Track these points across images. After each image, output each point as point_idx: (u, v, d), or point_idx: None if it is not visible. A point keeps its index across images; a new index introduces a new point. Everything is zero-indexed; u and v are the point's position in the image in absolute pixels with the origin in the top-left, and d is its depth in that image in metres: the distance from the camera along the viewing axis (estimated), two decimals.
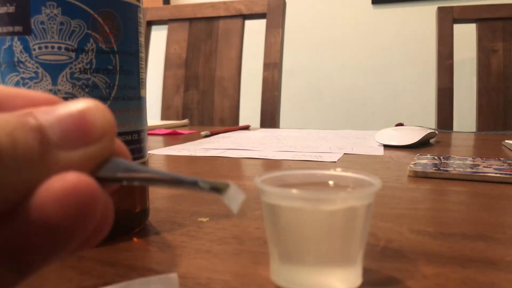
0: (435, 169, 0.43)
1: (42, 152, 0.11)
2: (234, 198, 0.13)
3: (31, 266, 0.11)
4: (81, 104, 0.12)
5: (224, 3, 1.15)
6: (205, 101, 1.16)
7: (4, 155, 0.10)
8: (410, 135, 0.66)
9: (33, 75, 0.22)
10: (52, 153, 0.11)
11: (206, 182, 0.13)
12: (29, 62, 0.22)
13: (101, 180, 0.12)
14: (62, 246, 0.11)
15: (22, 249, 0.11)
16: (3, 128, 0.10)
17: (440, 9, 1.10)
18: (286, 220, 0.18)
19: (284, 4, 1.13)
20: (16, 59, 0.22)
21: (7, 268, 0.11)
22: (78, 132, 0.12)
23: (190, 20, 1.19)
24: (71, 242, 0.11)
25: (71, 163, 0.11)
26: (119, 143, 0.14)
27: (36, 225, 0.11)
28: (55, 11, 0.21)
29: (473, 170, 0.42)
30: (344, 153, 0.59)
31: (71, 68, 0.22)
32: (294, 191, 0.17)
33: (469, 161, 0.48)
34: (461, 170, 0.42)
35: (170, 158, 0.56)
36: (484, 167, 0.44)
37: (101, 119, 0.12)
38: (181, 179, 0.13)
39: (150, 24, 1.23)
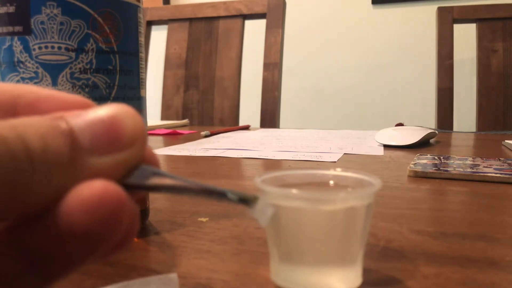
0: (435, 169, 0.43)
1: (72, 157, 0.11)
2: (263, 211, 0.13)
3: (56, 273, 0.11)
4: (113, 109, 0.12)
5: (224, 3, 1.15)
6: (205, 101, 1.16)
7: (35, 159, 0.10)
8: (410, 135, 0.66)
9: (33, 75, 0.22)
10: (82, 159, 0.11)
11: (235, 193, 0.13)
12: (29, 62, 0.22)
13: (130, 188, 0.12)
14: (88, 254, 0.11)
15: (48, 255, 0.11)
16: (35, 131, 0.10)
17: (440, 9, 1.10)
18: (286, 220, 0.18)
19: (284, 4, 1.13)
20: (16, 59, 0.22)
21: (31, 274, 0.11)
22: (108, 138, 0.11)
23: (190, 20, 1.19)
24: (98, 250, 0.11)
25: (101, 169, 0.11)
26: (149, 150, 0.13)
27: (63, 232, 0.10)
28: (55, 11, 0.21)
29: (473, 170, 0.42)
30: (344, 153, 0.59)
31: (71, 68, 0.22)
32: (294, 191, 0.17)
33: (469, 161, 0.48)
34: (461, 170, 0.42)
35: (170, 158, 0.56)
36: (484, 167, 0.44)
37: (132, 125, 0.12)
38: (210, 189, 0.13)
39: (150, 24, 1.23)
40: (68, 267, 0.11)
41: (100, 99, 0.23)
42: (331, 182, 0.21)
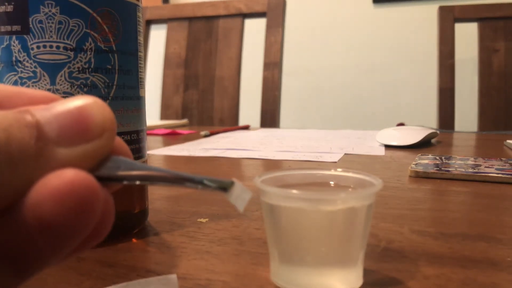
0: (436, 169, 0.42)
1: (38, 148, 0.11)
2: (240, 196, 0.13)
3: (30, 268, 0.11)
4: (80, 101, 0.12)
5: (224, 2, 1.15)
6: (204, 101, 1.16)
7: None
8: (411, 135, 0.65)
9: (31, 74, 0.22)
10: (49, 150, 0.11)
11: (211, 180, 0.12)
12: (27, 62, 0.22)
13: (101, 179, 0.12)
14: (61, 246, 0.11)
15: (19, 249, 0.11)
16: None
17: (441, 9, 1.10)
18: (286, 221, 0.18)
19: (284, 3, 1.13)
20: (14, 59, 0.22)
21: (4, 270, 0.11)
22: (76, 128, 0.11)
23: (190, 19, 1.19)
24: (71, 242, 0.11)
25: (69, 160, 0.11)
26: (119, 141, 0.13)
27: (32, 225, 0.10)
28: (53, 10, 0.21)
29: (474, 171, 0.42)
30: (345, 153, 0.58)
31: (69, 67, 0.22)
32: (294, 191, 0.17)
33: (470, 161, 0.48)
34: (463, 170, 0.42)
35: (169, 158, 0.56)
36: (485, 167, 0.44)
37: (101, 115, 0.12)
38: (184, 177, 0.12)
39: (149, 23, 1.22)
40: (41, 261, 0.11)
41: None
42: (332, 183, 0.21)
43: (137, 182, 0.12)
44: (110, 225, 0.12)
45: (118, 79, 0.24)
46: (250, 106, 1.36)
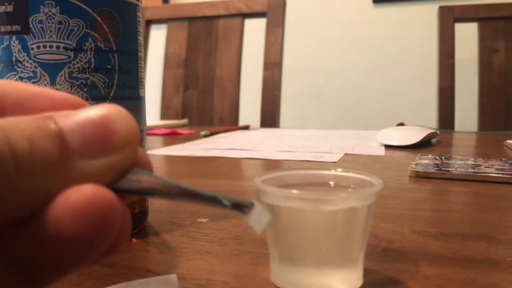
0: (436, 169, 0.42)
1: (61, 159, 0.10)
2: (259, 219, 0.12)
3: (46, 278, 0.11)
4: (104, 110, 0.11)
5: (224, 2, 1.15)
6: (204, 101, 1.16)
7: (22, 160, 0.09)
8: (411, 135, 0.65)
9: (31, 74, 0.22)
10: (71, 161, 0.11)
11: (230, 199, 0.12)
12: (27, 62, 0.22)
13: (121, 191, 0.12)
14: (78, 260, 0.11)
15: (37, 260, 0.10)
16: (22, 132, 0.10)
17: (441, 8, 1.09)
18: (286, 221, 0.18)
19: (284, 3, 1.13)
20: (14, 59, 0.22)
21: (20, 279, 0.11)
22: (100, 140, 0.11)
23: (190, 19, 1.19)
24: (88, 256, 0.11)
25: (91, 172, 0.11)
26: (142, 152, 0.13)
27: (50, 238, 0.10)
28: (53, 10, 0.21)
29: (474, 171, 0.42)
30: (345, 153, 0.58)
31: (69, 67, 0.22)
32: (294, 191, 0.17)
33: (470, 161, 0.48)
34: (463, 170, 0.42)
35: (169, 158, 0.56)
36: (485, 167, 0.44)
37: (125, 126, 0.11)
38: (202, 195, 0.12)
39: (149, 23, 1.22)
40: (57, 273, 0.11)
41: (99, 99, 0.23)
42: (332, 183, 0.21)
43: (155, 197, 0.12)
44: (128, 237, 0.12)
45: (118, 79, 0.24)
46: (250, 106, 1.36)
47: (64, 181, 0.10)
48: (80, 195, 0.10)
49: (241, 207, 0.12)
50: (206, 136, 0.81)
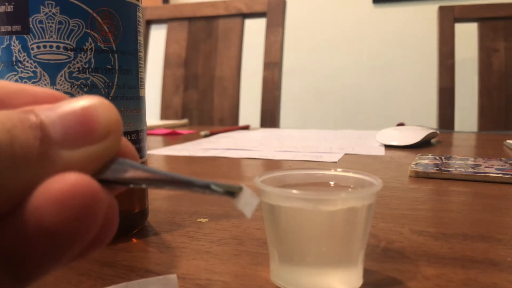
0: (436, 169, 0.42)
1: (42, 150, 0.10)
2: (248, 202, 0.12)
3: (32, 272, 0.11)
4: (85, 101, 0.11)
5: (224, 2, 1.15)
6: (204, 101, 1.16)
7: (2, 153, 0.09)
8: (411, 135, 0.65)
9: (31, 74, 0.22)
10: (53, 152, 0.10)
11: (219, 185, 0.12)
12: (28, 62, 0.22)
13: (106, 182, 0.11)
14: (63, 251, 0.11)
15: (21, 253, 0.10)
16: (2, 125, 0.10)
17: (441, 8, 1.09)
18: (286, 221, 0.18)
19: (285, 3, 1.13)
20: (14, 59, 0.22)
21: (6, 274, 0.11)
22: (81, 130, 0.11)
23: (190, 19, 1.19)
24: (73, 247, 0.11)
25: (73, 162, 0.11)
26: (126, 143, 0.13)
27: (33, 229, 0.10)
28: (53, 10, 0.21)
29: (474, 171, 0.42)
30: (345, 153, 0.58)
31: (69, 67, 0.22)
32: (295, 191, 0.17)
33: (470, 161, 0.48)
34: (463, 170, 0.42)
35: (169, 158, 0.56)
36: (485, 167, 0.44)
37: (106, 116, 0.11)
38: (192, 181, 0.12)
39: (149, 23, 1.22)
40: (43, 266, 0.11)
41: None
42: (332, 183, 0.21)
43: (143, 186, 0.12)
44: (114, 230, 0.12)
45: (118, 79, 0.24)
46: (250, 106, 1.36)
47: (46, 172, 0.10)
48: (62, 183, 0.10)
49: (231, 192, 0.12)
50: (206, 136, 0.81)
